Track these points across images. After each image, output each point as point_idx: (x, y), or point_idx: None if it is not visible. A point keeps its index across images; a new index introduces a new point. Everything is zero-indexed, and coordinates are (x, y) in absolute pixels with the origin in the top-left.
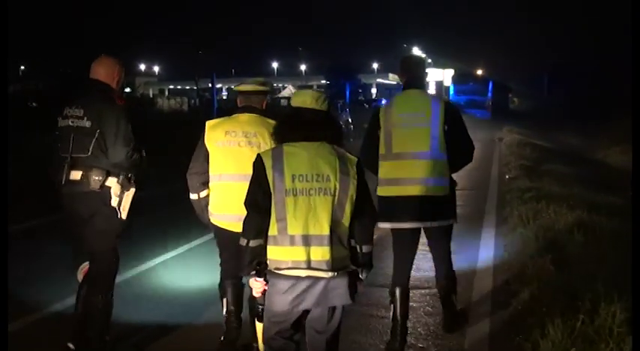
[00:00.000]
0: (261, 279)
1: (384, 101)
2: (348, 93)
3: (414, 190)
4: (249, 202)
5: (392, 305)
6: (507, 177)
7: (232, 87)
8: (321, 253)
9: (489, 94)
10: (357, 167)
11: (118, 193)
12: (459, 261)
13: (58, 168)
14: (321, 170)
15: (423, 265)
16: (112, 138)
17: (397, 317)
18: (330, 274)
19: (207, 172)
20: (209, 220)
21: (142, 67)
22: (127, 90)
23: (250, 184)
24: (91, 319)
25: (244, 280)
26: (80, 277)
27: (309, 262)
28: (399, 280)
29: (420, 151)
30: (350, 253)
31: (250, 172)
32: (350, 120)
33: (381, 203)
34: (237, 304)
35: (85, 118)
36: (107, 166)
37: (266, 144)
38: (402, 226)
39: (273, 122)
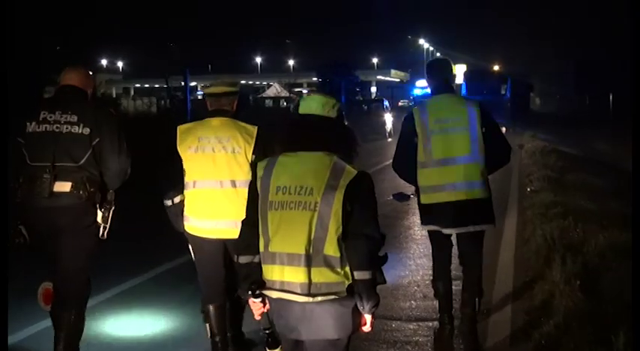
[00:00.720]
0: (259, 299)
1: (386, 102)
2: (343, 92)
3: (458, 196)
4: (245, 213)
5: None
6: (529, 190)
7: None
8: (296, 274)
9: (507, 93)
10: (353, 183)
11: (106, 208)
12: None
13: (31, 179)
14: (306, 182)
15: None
16: (112, 148)
17: (443, 308)
18: (303, 298)
19: (181, 178)
20: (183, 227)
21: (104, 62)
22: None
23: (249, 192)
24: (62, 337)
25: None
26: (42, 303)
27: (282, 282)
28: (440, 277)
29: (462, 155)
30: (344, 279)
31: (225, 177)
32: (346, 123)
33: (425, 210)
34: (222, 329)
35: (81, 125)
36: (98, 177)
37: (240, 148)
38: (448, 231)
39: (245, 125)
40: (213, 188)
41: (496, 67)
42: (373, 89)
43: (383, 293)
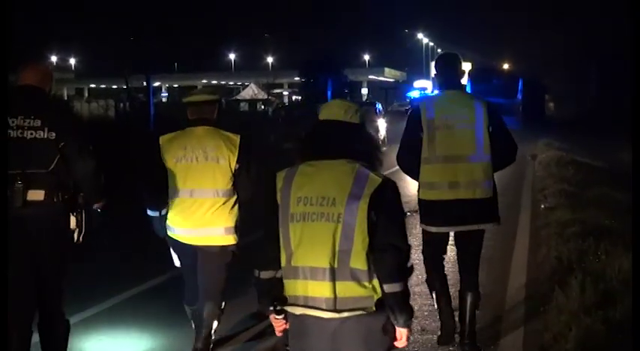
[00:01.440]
0: (281, 316)
1: (379, 106)
2: (330, 94)
3: (460, 194)
4: (264, 227)
5: (433, 293)
6: (543, 207)
7: (177, 87)
8: (320, 289)
9: (519, 96)
10: (378, 192)
11: (78, 212)
12: (480, 318)
13: (7, 185)
14: (328, 193)
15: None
16: (78, 152)
17: (441, 305)
18: (329, 314)
19: (164, 188)
20: (166, 234)
21: (54, 59)
22: None
23: (265, 204)
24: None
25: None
26: None
27: (305, 298)
28: (435, 269)
29: (466, 153)
30: (372, 293)
31: (210, 186)
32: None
33: (423, 206)
34: (208, 326)
35: (46, 129)
36: (69, 183)
37: (224, 157)
38: (445, 229)
39: (229, 134)
40: (197, 197)
41: (506, 66)
42: (364, 91)
43: None
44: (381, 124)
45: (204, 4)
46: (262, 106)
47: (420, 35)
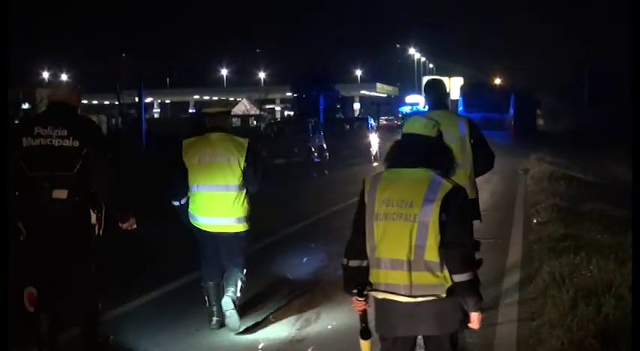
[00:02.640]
0: (362, 299)
1: (371, 121)
2: (322, 109)
3: None
4: (353, 223)
5: None
6: (535, 221)
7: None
8: (399, 277)
9: (511, 110)
10: (450, 196)
11: (99, 209)
12: (472, 332)
13: (31, 187)
14: (406, 196)
15: None
16: (98, 158)
17: None
18: (406, 299)
19: (185, 182)
20: (188, 221)
21: (45, 75)
22: (25, 106)
23: (356, 206)
24: (86, 336)
25: None
26: (28, 303)
27: (386, 285)
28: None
29: None
30: (443, 281)
31: (221, 182)
32: (324, 146)
33: None
34: (218, 300)
35: (71, 138)
36: (91, 183)
37: (234, 158)
38: None
39: (238, 138)
40: (213, 191)
41: (498, 81)
42: (356, 106)
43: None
44: (373, 139)
45: (196, 21)
46: (254, 122)
47: (411, 50)
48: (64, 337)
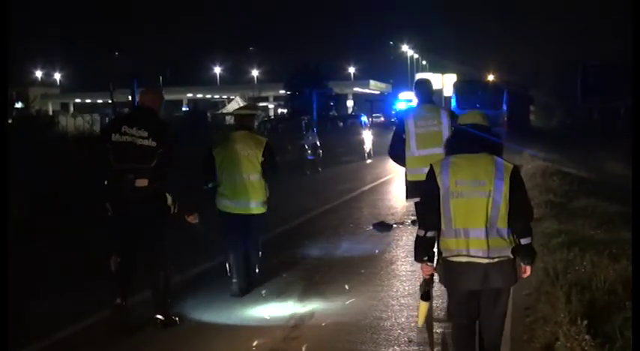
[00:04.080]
0: (432, 264)
1: (364, 118)
2: (315, 107)
3: None
4: (423, 202)
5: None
6: None
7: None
8: (478, 243)
9: (504, 107)
10: (512, 174)
11: (170, 195)
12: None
13: (118, 177)
14: (479, 177)
15: None
16: (169, 155)
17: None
18: (486, 260)
19: (214, 171)
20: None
21: (39, 74)
22: (19, 105)
23: (423, 187)
24: (157, 292)
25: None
26: (113, 266)
27: (468, 250)
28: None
29: (436, 147)
30: (510, 244)
31: (243, 172)
32: (318, 143)
33: (410, 185)
34: (238, 270)
35: (150, 139)
36: (165, 176)
37: (254, 152)
38: None
39: (258, 137)
40: (235, 180)
41: (491, 77)
42: (349, 103)
43: (361, 339)
44: (367, 136)
45: (189, 20)
46: None
47: (404, 47)
48: (136, 299)
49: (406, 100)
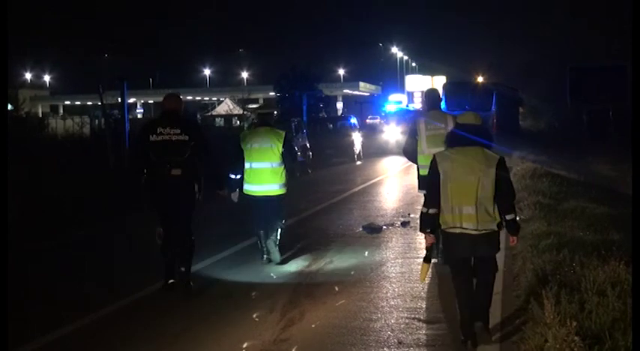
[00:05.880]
0: (432, 235)
1: (354, 120)
2: (305, 109)
3: None
4: (428, 186)
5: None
6: (518, 219)
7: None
8: (469, 218)
9: (493, 108)
10: (498, 164)
11: (200, 182)
12: (455, 331)
13: (159, 167)
14: (472, 165)
15: None
16: (202, 148)
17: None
18: (475, 232)
19: (242, 161)
20: (240, 191)
21: (28, 76)
22: (8, 107)
23: (428, 174)
24: (183, 259)
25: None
26: (157, 238)
27: (461, 223)
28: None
29: (443, 147)
30: (495, 219)
31: (267, 161)
32: (308, 145)
33: (422, 179)
34: (266, 241)
35: (183, 134)
36: (195, 165)
37: (275, 145)
38: None
39: (278, 131)
40: (261, 167)
41: (480, 79)
42: (339, 105)
43: (350, 340)
44: (357, 138)
45: (179, 21)
46: (238, 122)
47: (394, 49)
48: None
49: (396, 102)
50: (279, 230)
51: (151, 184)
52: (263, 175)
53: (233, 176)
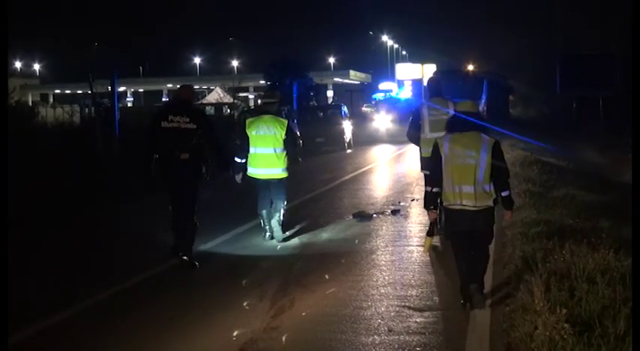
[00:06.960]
0: (436, 211)
1: (344, 108)
2: (295, 97)
3: None
4: (431, 168)
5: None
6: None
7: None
8: (468, 196)
9: (483, 96)
10: (494, 146)
11: (206, 165)
12: (445, 318)
13: (171, 151)
14: (470, 148)
15: None
16: (209, 135)
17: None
18: (473, 208)
19: (247, 146)
20: (244, 173)
21: (18, 65)
22: None
23: (431, 158)
24: (186, 237)
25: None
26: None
27: (461, 201)
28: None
29: (444, 132)
30: (491, 197)
31: (271, 146)
32: (298, 133)
33: (424, 160)
34: (269, 221)
35: (191, 123)
36: (202, 150)
37: (278, 131)
38: None
39: (281, 119)
40: (265, 152)
41: (470, 67)
42: (329, 93)
43: (341, 328)
44: (347, 126)
45: (169, 9)
46: (228, 110)
47: (384, 37)
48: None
49: (386, 90)
50: (282, 210)
51: (161, 166)
52: (267, 159)
53: (239, 160)
